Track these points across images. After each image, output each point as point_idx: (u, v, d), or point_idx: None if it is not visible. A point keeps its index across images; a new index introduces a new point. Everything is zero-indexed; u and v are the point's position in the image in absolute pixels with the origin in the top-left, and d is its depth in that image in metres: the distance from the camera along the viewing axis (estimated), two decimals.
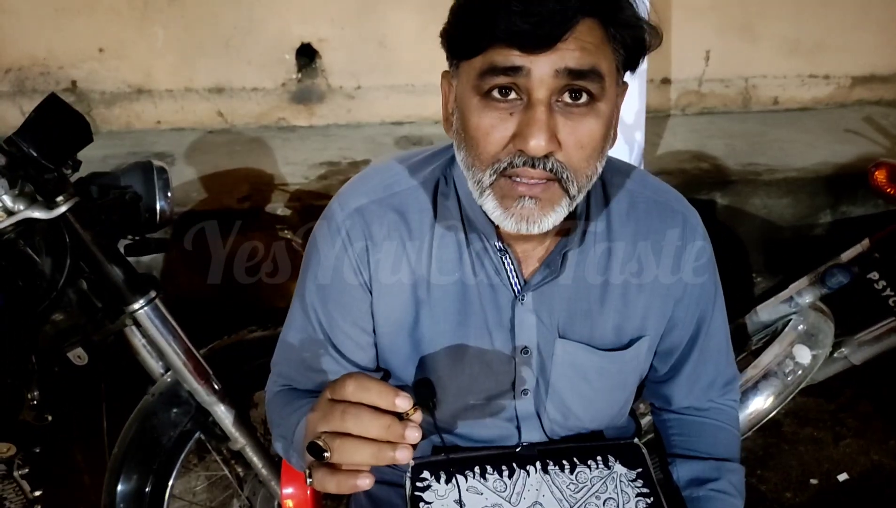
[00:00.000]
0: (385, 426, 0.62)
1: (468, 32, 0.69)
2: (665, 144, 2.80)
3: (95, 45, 2.53)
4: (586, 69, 0.66)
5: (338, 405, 0.64)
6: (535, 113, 0.67)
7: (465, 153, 0.74)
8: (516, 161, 0.69)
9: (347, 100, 2.80)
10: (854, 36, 3.08)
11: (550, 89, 0.67)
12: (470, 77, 0.70)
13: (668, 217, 0.88)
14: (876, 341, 1.51)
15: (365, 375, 0.65)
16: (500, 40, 0.66)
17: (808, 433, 2.07)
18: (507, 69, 0.66)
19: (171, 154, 2.48)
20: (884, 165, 1.39)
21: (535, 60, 0.66)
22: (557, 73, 0.66)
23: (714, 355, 0.96)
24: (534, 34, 0.64)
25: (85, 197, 1.20)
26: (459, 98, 0.73)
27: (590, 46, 0.67)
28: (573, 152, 0.70)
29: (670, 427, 1.01)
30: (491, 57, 0.67)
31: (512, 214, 0.72)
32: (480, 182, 0.73)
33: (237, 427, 1.33)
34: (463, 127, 0.73)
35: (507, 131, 0.69)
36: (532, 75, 0.66)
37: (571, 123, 0.69)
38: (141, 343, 1.30)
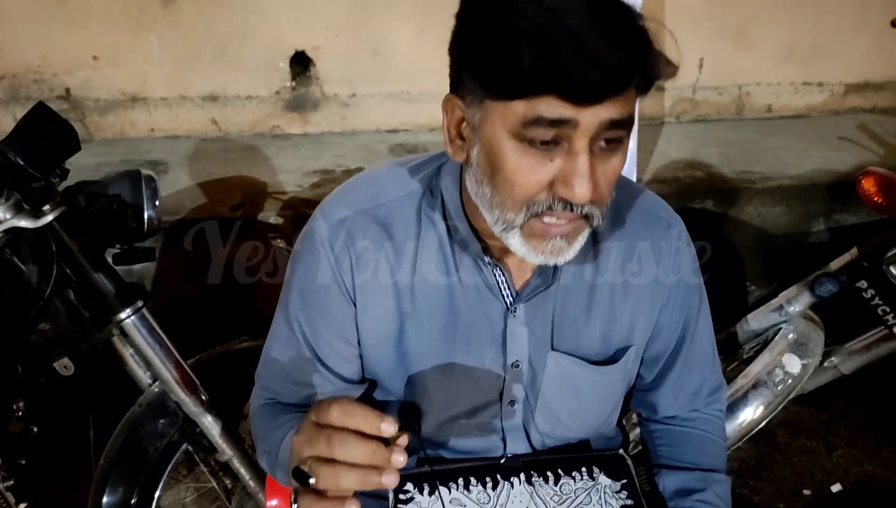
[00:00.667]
0: (370, 452, 0.61)
1: (515, 76, 0.63)
2: (659, 151, 2.80)
3: (90, 52, 2.53)
4: (626, 118, 0.66)
5: (323, 430, 0.63)
6: (579, 163, 0.66)
7: (491, 191, 0.72)
8: (556, 206, 0.68)
9: (342, 108, 2.80)
10: (848, 44, 3.08)
11: (592, 138, 0.65)
12: (507, 120, 0.66)
13: (653, 224, 0.89)
14: (865, 350, 1.51)
15: (350, 400, 0.64)
16: (551, 92, 0.62)
17: (801, 444, 2.06)
18: (555, 121, 0.64)
19: (165, 162, 2.48)
20: (871, 174, 1.39)
21: (582, 113, 0.63)
22: (602, 124, 0.64)
23: (699, 362, 0.96)
24: (592, 90, 0.62)
25: (72, 206, 1.20)
26: (487, 135, 0.69)
27: (630, 96, 0.66)
28: (603, 189, 0.70)
29: (657, 438, 1.01)
30: (537, 107, 0.63)
31: (541, 251, 0.72)
32: (509, 221, 0.71)
33: (224, 439, 1.32)
34: (492, 165, 0.70)
35: (547, 176, 0.68)
36: (579, 127, 0.64)
37: (603, 164, 0.68)
38: (128, 353, 1.30)
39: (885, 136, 2.96)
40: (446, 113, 0.74)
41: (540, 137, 0.65)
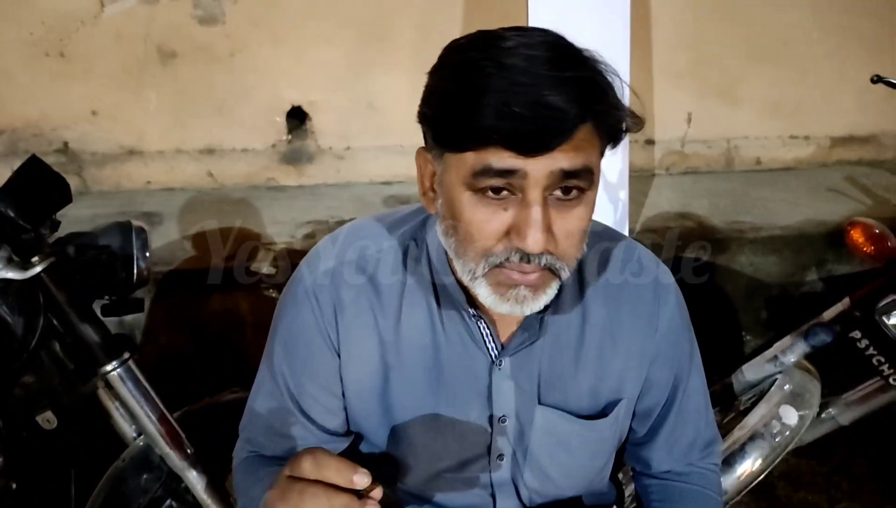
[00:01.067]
0: (342, 506, 0.61)
1: (460, 129, 0.66)
2: (650, 202, 2.83)
3: (89, 107, 2.58)
4: (579, 169, 0.67)
5: (296, 483, 0.63)
6: (532, 213, 0.66)
7: (455, 243, 0.73)
8: (512, 257, 0.69)
9: (337, 160, 2.84)
10: (832, 99, 3.16)
11: (545, 188, 0.67)
12: (460, 172, 0.68)
13: (639, 275, 0.88)
14: (863, 401, 1.49)
15: (323, 451, 0.64)
16: (495, 143, 0.64)
17: (802, 497, 2.02)
18: (502, 171, 0.65)
19: (160, 214, 2.49)
20: (858, 225, 1.40)
21: (530, 163, 0.65)
22: (552, 173, 0.66)
23: (693, 415, 0.95)
24: (535, 140, 0.64)
25: (61, 257, 1.20)
26: (447, 187, 0.71)
27: (583, 145, 0.67)
28: (564, 242, 0.70)
29: (652, 494, 0.98)
30: (485, 158, 0.65)
31: (507, 299, 0.72)
32: (473, 271, 0.72)
33: (210, 494, 1.29)
34: (451, 217, 0.72)
35: (502, 226, 0.69)
36: (529, 177, 0.65)
37: (563, 215, 0.69)
38: (113, 406, 1.28)
39: (873, 187, 3.01)
40: (419, 167, 0.77)
41: (490, 186, 0.66)
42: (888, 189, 2.98)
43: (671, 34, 2.94)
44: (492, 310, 0.80)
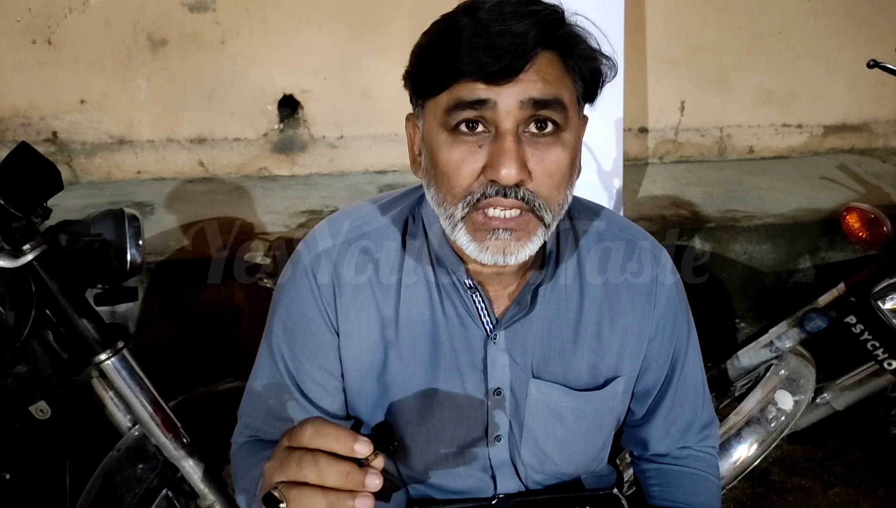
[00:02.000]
0: (343, 474, 0.59)
1: (433, 71, 0.70)
2: (644, 191, 2.83)
3: (77, 96, 2.54)
4: (549, 99, 0.68)
5: (295, 452, 0.61)
6: (504, 143, 0.68)
7: (435, 190, 0.74)
8: (489, 191, 0.70)
9: (330, 149, 2.82)
10: (825, 87, 3.17)
11: (517, 120, 0.68)
12: (437, 114, 0.71)
13: (637, 255, 0.88)
14: (857, 385, 1.49)
15: (323, 420, 0.62)
16: (464, 75, 0.67)
17: (797, 482, 2.03)
18: (473, 103, 0.68)
19: (151, 203, 2.47)
20: (854, 210, 1.41)
21: (499, 92, 0.67)
22: (522, 103, 0.67)
23: (690, 396, 0.95)
24: (496, 66, 0.66)
25: (53, 245, 1.18)
26: (427, 136, 0.74)
27: (551, 78, 0.69)
28: (543, 181, 0.71)
29: (649, 477, 0.98)
30: (457, 92, 0.69)
31: (487, 246, 0.72)
32: (452, 216, 0.73)
33: (206, 484, 1.28)
34: (432, 164, 0.73)
35: (478, 163, 0.70)
36: (498, 107, 0.68)
37: (539, 152, 0.70)
38: (108, 396, 1.26)
39: (865, 175, 3.02)
40: (408, 135, 0.80)
41: (463, 119, 0.69)
42: (879, 177, 2.99)
43: (665, 22, 2.93)
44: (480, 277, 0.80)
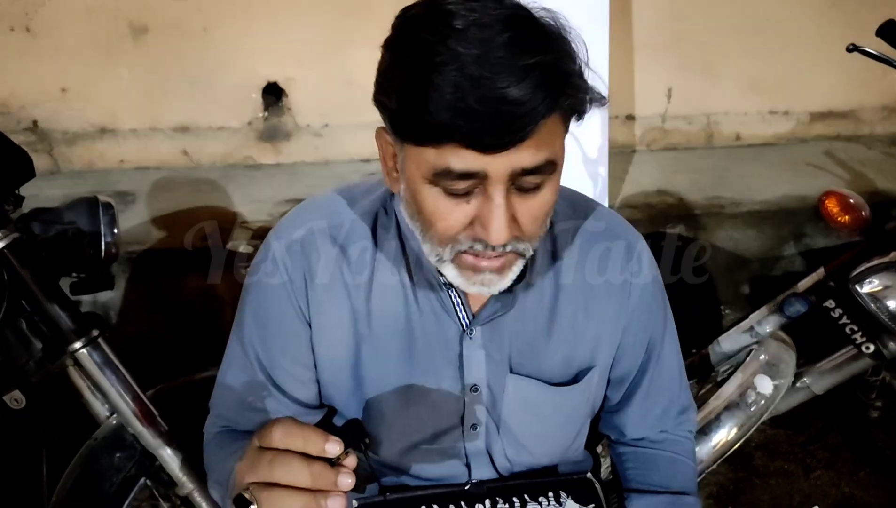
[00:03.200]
0: (315, 475, 0.59)
1: (418, 125, 0.62)
2: (631, 179, 2.83)
3: (58, 85, 2.51)
4: (542, 164, 0.64)
5: (266, 453, 0.60)
6: (494, 208, 0.65)
7: (419, 226, 0.71)
8: (476, 247, 0.68)
9: (315, 138, 2.80)
10: (811, 74, 3.16)
11: (506, 183, 0.65)
12: (420, 167, 0.65)
13: (612, 244, 0.87)
14: (836, 369, 1.50)
15: (293, 420, 0.62)
16: (456, 141, 0.61)
17: (779, 467, 2.05)
18: (462, 174, 0.63)
19: (134, 193, 2.45)
20: (833, 195, 1.41)
21: (490, 162, 0.62)
22: (514, 171, 0.64)
23: (667, 382, 0.95)
24: (496, 139, 0.61)
25: (26, 233, 1.17)
26: (409, 177, 0.68)
27: (546, 138, 0.64)
28: (530, 225, 0.69)
29: (626, 461, 0.98)
30: (445, 158, 0.62)
31: (474, 282, 0.71)
32: (440, 255, 0.71)
33: (184, 472, 1.28)
34: (414, 203, 0.70)
35: (465, 217, 0.67)
36: (489, 176, 0.63)
37: (528, 202, 0.67)
38: (84, 385, 1.25)
39: (851, 162, 3.03)
40: (380, 147, 0.74)
41: (452, 188, 0.65)
42: (865, 163, 3.00)
43: (651, 9, 2.92)
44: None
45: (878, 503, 1.92)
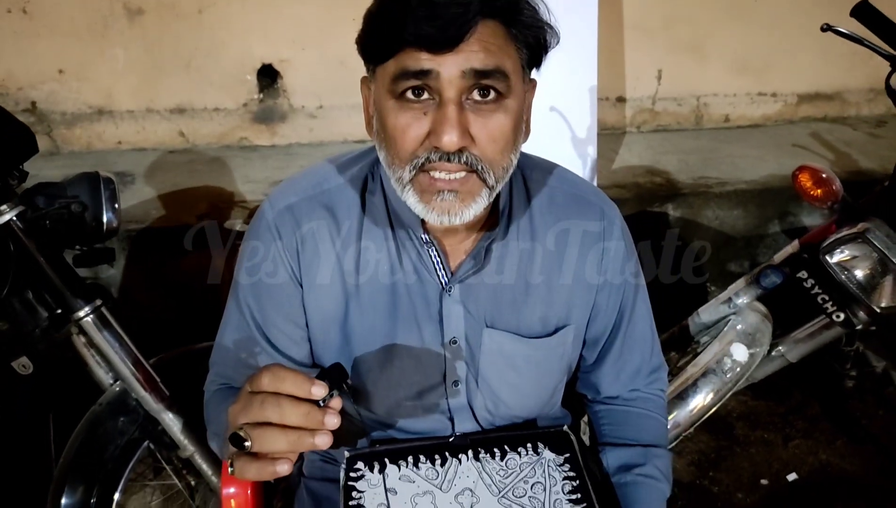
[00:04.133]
0: (304, 414, 0.64)
1: (380, 38, 0.73)
2: (620, 159, 2.88)
3: (55, 66, 2.54)
4: (491, 69, 0.71)
5: (257, 395, 0.66)
6: (447, 111, 0.71)
7: (385, 152, 0.78)
8: (432, 156, 0.73)
9: (309, 119, 2.84)
10: (799, 56, 3.21)
11: (459, 89, 0.71)
12: (385, 81, 0.74)
13: (587, 210, 0.93)
14: (810, 338, 1.56)
15: (282, 366, 0.67)
16: (408, 44, 0.70)
17: (759, 436, 2.12)
18: (417, 72, 0.71)
19: (132, 173, 2.49)
20: (806, 169, 1.46)
21: (442, 62, 0.70)
22: (464, 73, 0.70)
23: (639, 342, 1.01)
24: (438, 36, 0.69)
25: (30, 206, 1.22)
26: (377, 101, 0.77)
27: (493, 47, 0.71)
28: (486, 146, 0.74)
29: (601, 418, 1.04)
30: (402, 61, 0.71)
31: (433, 207, 0.76)
32: (401, 178, 0.76)
33: (186, 435, 1.34)
34: (382, 127, 0.77)
35: (423, 130, 0.73)
36: (441, 77, 0.70)
37: (482, 119, 0.73)
38: (89, 353, 1.31)
39: (836, 143, 3.08)
40: (364, 97, 0.82)
41: (409, 87, 0.72)
42: (849, 144, 3.05)
43: None
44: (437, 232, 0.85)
45: (853, 470, 2.00)
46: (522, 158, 0.93)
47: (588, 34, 2.31)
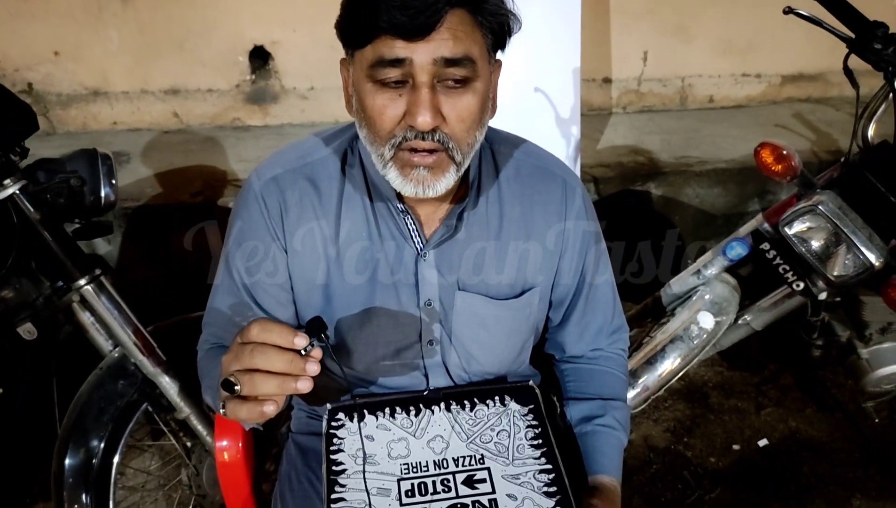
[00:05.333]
0: (288, 361, 0.73)
1: (356, 25, 0.79)
2: (605, 139, 2.95)
3: (50, 48, 2.59)
4: (460, 56, 0.78)
5: (246, 346, 0.74)
6: (420, 95, 0.78)
7: (367, 130, 0.85)
8: (409, 135, 0.81)
9: (301, 100, 2.90)
10: (783, 37, 3.26)
11: (431, 74, 0.78)
12: (363, 66, 0.80)
13: (550, 180, 1.00)
14: (773, 307, 1.64)
15: (268, 319, 0.75)
16: (383, 31, 0.76)
17: (733, 404, 2.21)
18: (392, 61, 0.77)
19: (127, 153, 2.55)
20: (767, 146, 1.53)
21: (415, 50, 0.77)
22: (435, 60, 0.78)
23: (601, 304, 1.09)
24: (411, 24, 0.75)
25: (32, 181, 1.29)
26: (356, 82, 0.84)
27: (461, 35, 0.78)
28: (455, 125, 0.82)
29: (566, 375, 1.13)
30: (378, 49, 0.78)
31: (410, 179, 0.84)
32: (382, 155, 0.84)
33: (182, 397, 1.42)
34: (361, 108, 0.84)
35: (399, 110, 0.81)
36: (414, 64, 0.77)
37: (452, 100, 0.81)
38: (89, 321, 1.38)
39: (818, 123, 3.15)
40: (343, 78, 0.89)
41: (385, 77, 0.79)
42: (831, 124, 3.12)
43: None
44: (412, 202, 0.92)
45: (819, 436, 2.09)
46: (491, 133, 1.01)
47: (571, 16, 2.36)
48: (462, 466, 0.92)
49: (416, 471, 0.92)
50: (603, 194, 2.59)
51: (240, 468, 1.16)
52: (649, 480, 1.93)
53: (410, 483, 0.90)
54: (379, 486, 0.90)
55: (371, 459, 0.93)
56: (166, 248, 2.20)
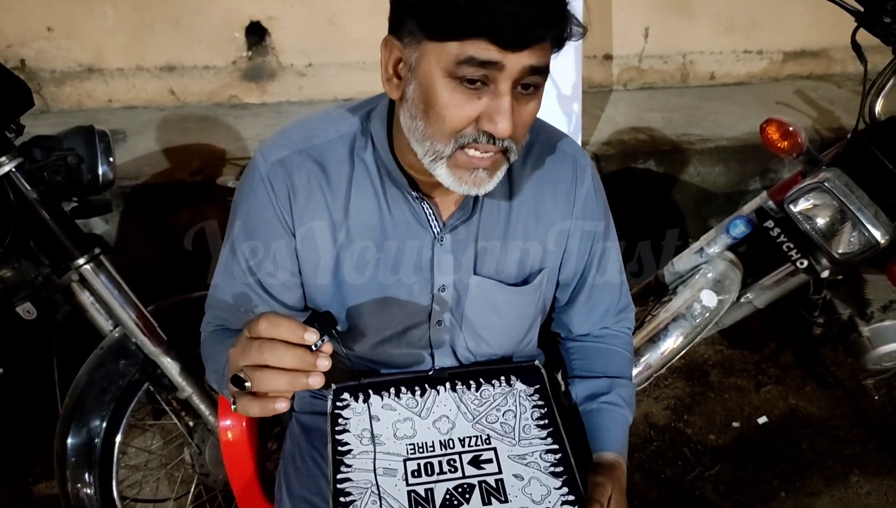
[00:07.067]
0: (298, 357, 0.71)
1: (450, 20, 0.71)
2: (606, 117, 2.92)
3: (44, 24, 2.55)
4: (543, 66, 0.76)
5: (255, 341, 0.72)
6: (504, 103, 0.75)
7: (424, 123, 0.80)
8: (480, 138, 0.78)
9: (299, 77, 2.86)
10: (785, 13, 3.22)
11: (515, 81, 0.75)
12: (441, 59, 0.74)
13: (560, 159, 0.99)
14: (776, 285, 1.64)
15: (276, 313, 0.73)
16: (482, 34, 0.71)
17: (733, 382, 2.22)
18: (484, 63, 0.73)
19: (124, 131, 2.52)
20: (773, 122, 1.51)
21: (508, 57, 0.72)
22: (524, 68, 0.74)
23: (609, 284, 1.08)
24: (516, 38, 0.71)
25: (29, 158, 1.26)
26: (425, 73, 0.77)
27: (546, 47, 0.76)
28: (519, 129, 0.80)
29: (572, 354, 1.12)
30: (469, 48, 0.72)
31: (465, 182, 0.82)
32: (438, 152, 0.80)
33: (183, 377, 1.41)
34: (425, 101, 0.78)
35: (475, 111, 0.77)
36: (504, 70, 0.73)
37: (521, 107, 0.78)
38: (89, 301, 1.37)
39: (820, 101, 3.13)
40: (385, 53, 0.82)
41: (469, 76, 0.74)
42: (833, 102, 3.10)
43: None
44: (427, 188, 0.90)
45: (818, 413, 2.11)
46: None
47: None
48: (468, 446, 0.92)
49: (422, 451, 0.91)
50: (604, 171, 2.57)
51: (244, 447, 1.16)
52: (650, 457, 1.94)
53: (416, 463, 0.90)
54: (385, 466, 0.89)
55: (377, 439, 0.92)
56: (165, 227, 2.19)
